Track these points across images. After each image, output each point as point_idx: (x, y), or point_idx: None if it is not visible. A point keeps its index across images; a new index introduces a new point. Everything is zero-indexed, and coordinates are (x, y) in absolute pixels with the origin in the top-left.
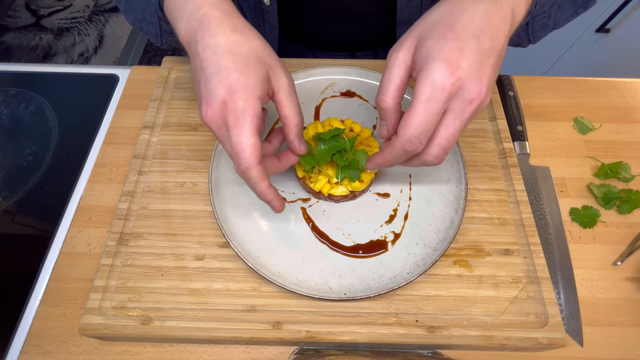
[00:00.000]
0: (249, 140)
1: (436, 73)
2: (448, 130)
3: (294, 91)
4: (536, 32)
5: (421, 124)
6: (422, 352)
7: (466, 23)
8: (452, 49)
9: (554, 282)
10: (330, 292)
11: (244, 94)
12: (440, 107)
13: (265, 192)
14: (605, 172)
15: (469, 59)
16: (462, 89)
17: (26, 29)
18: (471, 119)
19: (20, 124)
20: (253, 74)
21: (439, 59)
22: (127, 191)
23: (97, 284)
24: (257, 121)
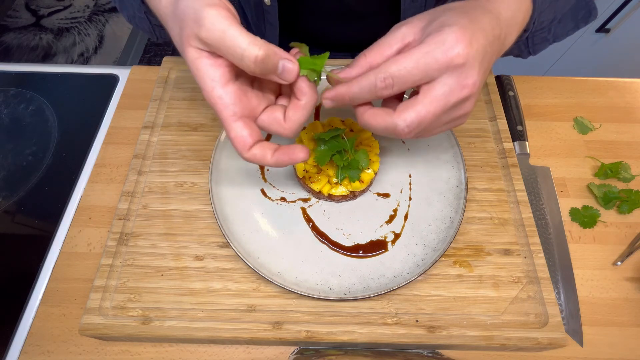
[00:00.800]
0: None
1: (449, 36)
2: (433, 104)
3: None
4: (536, 45)
5: (407, 68)
6: (422, 352)
7: (480, 20)
8: (467, 26)
9: (554, 282)
10: (330, 292)
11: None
12: (433, 67)
13: (277, 161)
14: (605, 172)
15: (478, 45)
16: (463, 68)
17: (26, 29)
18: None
19: (20, 124)
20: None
21: (454, 26)
22: (127, 191)
23: (97, 284)
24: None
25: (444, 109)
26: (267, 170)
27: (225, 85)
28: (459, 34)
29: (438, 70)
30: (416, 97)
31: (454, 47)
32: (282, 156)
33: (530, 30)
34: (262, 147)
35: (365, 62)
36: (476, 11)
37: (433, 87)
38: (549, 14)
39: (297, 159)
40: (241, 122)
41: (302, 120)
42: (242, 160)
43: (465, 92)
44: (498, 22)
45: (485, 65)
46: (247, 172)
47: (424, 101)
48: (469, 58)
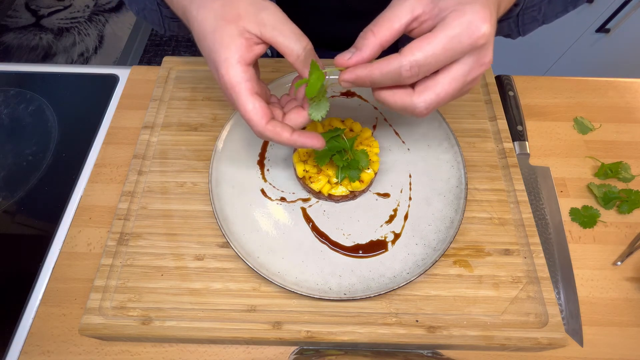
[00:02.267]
0: (247, 107)
1: (474, 16)
2: (452, 84)
3: (281, 20)
4: (526, 24)
5: (434, 54)
6: (422, 352)
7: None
8: (483, 7)
9: (554, 282)
10: (330, 292)
11: (224, 69)
12: (459, 51)
13: (291, 141)
14: (605, 172)
15: (494, 21)
16: (484, 47)
17: (26, 29)
18: (472, 84)
19: (20, 124)
20: (222, 43)
21: (475, 4)
22: (127, 191)
23: (97, 284)
24: (249, 84)
25: (462, 87)
26: (267, 170)
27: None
28: (483, 14)
29: (462, 52)
30: (435, 78)
31: (480, 29)
32: (299, 138)
33: (522, 7)
34: (279, 124)
35: (375, 41)
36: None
37: (453, 67)
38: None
39: (313, 144)
40: (259, 98)
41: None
42: (242, 161)
43: (482, 69)
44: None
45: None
46: (247, 172)
47: (443, 82)
48: (490, 37)
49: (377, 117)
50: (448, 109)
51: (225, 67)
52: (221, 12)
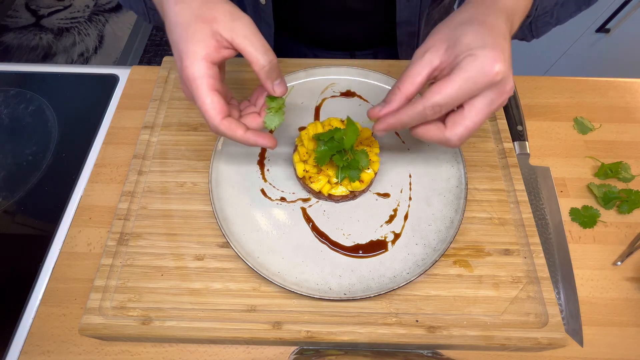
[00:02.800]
0: (205, 100)
1: (485, 59)
2: (479, 116)
3: (252, 32)
4: (539, 28)
5: (452, 95)
6: (422, 352)
7: (494, 24)
8: (495, 43)
9: (554, 282)
10: (330, 292)
11: (189, 60)
12: (476, 89)
13: (244, 139)
14: (605, 172)
15: (508, 54)
16: (503, 81)
17: (26, 29)
18: (496, 110)
19: (20, 124)
20: (193, 37)
21: (486, 48)
22: (127, 191)
23: (97, 284)
24: (210, 80)
25: (487, 115)
26: (267, 170)
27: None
28: (494, 55)
29: (480, 90)
30: (462, 112)
31: (493, 68)
32: (252, 137)
33: (533, 16)
34: (234, 122)
35: (402, 95)
36: (489, 16)
37: (476, 101)
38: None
39: (264, 143)
40: (218, 94)
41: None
42: (242, 161)
43: (505, 96)
44: (507, 16)
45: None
46: (247, 172)
47: (470, 115)
48: (505, 71)
49: None
50: None
51: (191, 60)
52: (198, 11)
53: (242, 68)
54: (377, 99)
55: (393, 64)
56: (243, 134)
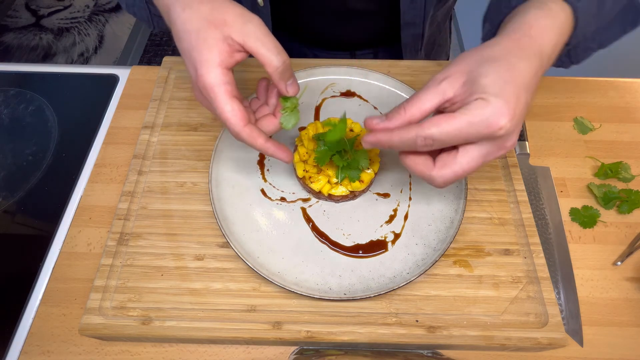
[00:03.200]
0: (226, 108)
1: (495, 109)
2: (470, 164)
3: (264, 33)
4: (579, 55)
5: (449, 134)
6: (422, 352)
7: (521, 72)
8: (513, 94)
9: (554, 282)
10: (330, 292)
11: (204, 69)
12: (475, 137)
13: (263, 148)
14: (605, 172)
15: (521, 110)
16: (505, 137)
17: (26, 29)
18: (490, 162)
19: (20, 124)
20: (205, 44)
21: (501, 97)
22: (127, 191)
23: (97, 284)
24: (228, 87)
25: (479, 166)
26: (267, 170)
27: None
28: (505, 108)
29: (479, 138)
30: (455, 156)
31: (499, 122)
32: (271, 147)
33: (572, 44)
34: (255, 129)
35: (405, 117)
36: (521, 61)
37: (472, 148)
38: (592, 26)
39: (280, 157)
40: (237, 101)
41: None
42: (242, 161)
43: (503, 152)
44: (541, 62)
45: (522, 122)
46: (247, 172)
47: (461, 161)
48: (511, 128)
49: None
50: None
51: (206, 68)
52: (208, 16)
53: (244, 68)
54: (377, 99)
55: (393, 64)
56: (263, 143)
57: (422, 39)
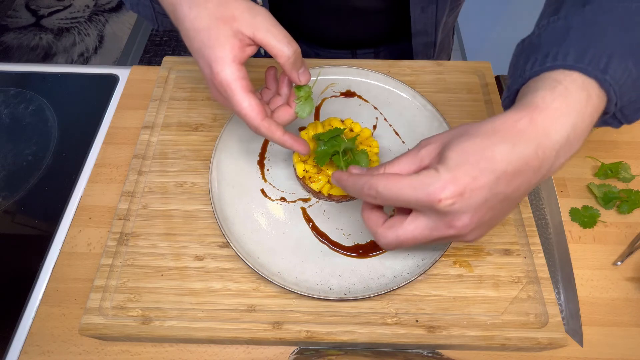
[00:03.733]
0: (244, 104)
1: (440, 180)
2: (414, 233)
3: (273, 25)
4: (629, 116)
5: (391, 190)
6: (422, 352)
7: (494, 156)
8: (466, 173)
9: (554, 282)
10: (330, 292)
11: (219, 66)
12: (415, 203)
13: (281, 140)
14: (605, 172)
15: (473, 195)
16: (451, 214)
17: (26, 29)
18: (446, 240)
19: (20, 124)
20: (218, 42)
21: (454, 170)
22: (127, 191)
23: (97, 284)
24: (243, 82)
25: (427, 239)
26: (267, 170)
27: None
28: (448, 183)
29: (419, 206)
30: (403, 220)
31: (439, 194)
32: (289, 140)
33: (613, 111)
34: (273, 123)
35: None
36: (500, 144)
37: (420, 217)
38: (637, 90)
39: (298, 149)
40: (253, 95)
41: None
42: (242, 161)
43: (452, 231)
44: (537, 151)
45: (487, 211)
46: (247, 172)
47: (407, 227)
48: (455, 208)
49: (377, 117)
50: (448, 109)
51: (221, 65)
52: (216, 12)
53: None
54: (377, 99)
55: (393, 64)
56: (281, 136)
57: (434, 46)
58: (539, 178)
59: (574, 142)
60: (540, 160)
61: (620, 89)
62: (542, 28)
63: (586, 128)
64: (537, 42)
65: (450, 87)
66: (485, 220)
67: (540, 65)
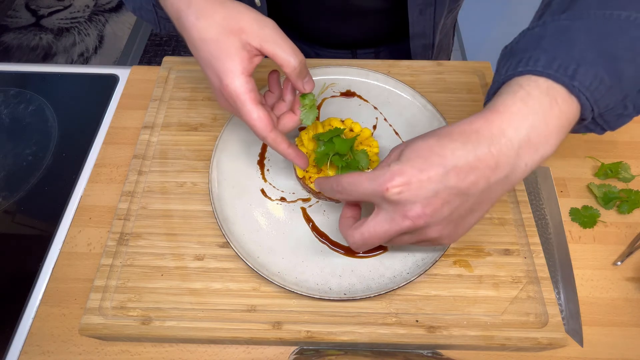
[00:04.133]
0: (253, 116)
1: (390, 172)
2: (375, 228)
3: (280, 36)
4: (611, 122)
5: (350, 183)
6: (422, 352)
7: (445, 153)
8: (414, 166)
9: (554, 282)
10: (330, 292)
11: (229, 78)
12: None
13: (285, 152)
14: (605, 172)
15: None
16: (400, 204)
17: (26, 29)
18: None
19: (20, 124)
20: (227, 53)
21: (402, 164)
22: (127, 191)
23: (97, 284)
24: (253, 94)
25: (388, 233)
26: (267, 170)
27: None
28: (395, 174)
29: (376, 198)
30: (366, 219)
31: (386, 183)
32: (292, 153)
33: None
34: (280, 135)
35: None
36: (452, 142)
37: (379, 212)
38: (614, 96)
39: (299, 163)
40: (262, 107)
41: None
42: (242, 161)
43: (408, 222)
44: (491, 147)
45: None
46: (247, 172)
47: (369, 224)
48: (403, 197)
49: (377, 117)
50: (448, 109)
51: (231, 77)
52: (224, 24)
53: None
54: (377, 99)
55: (393, 64)
56: (286, 149)
57: (432, 48)
58: (500, 177)
59: (539, 144)
60: (495, 157)
61: (593, 96)
62: (522, 34)
63: (552, 131)
64: (515, 48)
65: (450, 87)
66: (446, 215)
67: (513, 70)
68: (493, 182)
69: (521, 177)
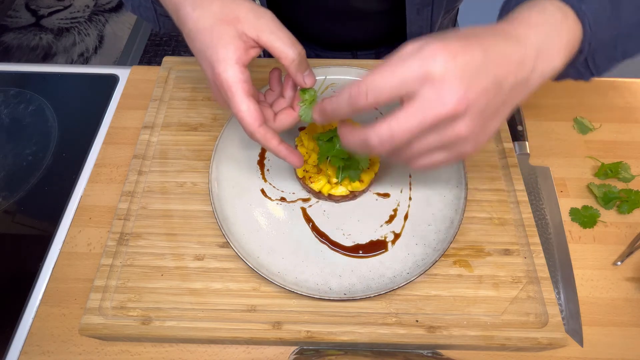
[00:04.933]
0: (242, 107)
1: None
2: (408, 120)
3: (278, 27)
4: (600, 65)
5: (381, 76)
6: (422, 352)
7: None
8: (452, 42)
9: (554, 282)
10: (330, 292)
11: (221, 67)
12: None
13: (276, 150)
14: (605, 172)
15: (465, 58)
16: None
17: (26, 29)
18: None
19: (20, 124)
20: (221, 42)
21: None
22: (127, 191)
23: (97, 284)
24: (245, 85)
25: (420, 126)
26: (267, 170)
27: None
28: (440, 46)
29: (415, 81)
30: (394, 111)
31: (432, 58)
32: (284, 150)
33: (587, 51)
34: (270, 131)
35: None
36: (483, 33)
37: (411, 102)
38: (609, 31)
39: (291, 161)
40: (253, 100)
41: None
42: (242, 161)
43: (447, 108)
44: (518, 45)
45: (486, 84)
46: (247, 172)
47: (399, 115)
48: (449, 71)
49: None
50: None
51: (223, 66)
52: (220, 13)
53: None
54: None
55: None
56: (276, 145)
57: None
58: (524, 76)
59: (552, 55)
60: (521, 54)
61: (595, 23)
62: None
63: (562, 46)
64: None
65: None
66: (482, 108)
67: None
68: (519, 80)
69: (535, 84)
